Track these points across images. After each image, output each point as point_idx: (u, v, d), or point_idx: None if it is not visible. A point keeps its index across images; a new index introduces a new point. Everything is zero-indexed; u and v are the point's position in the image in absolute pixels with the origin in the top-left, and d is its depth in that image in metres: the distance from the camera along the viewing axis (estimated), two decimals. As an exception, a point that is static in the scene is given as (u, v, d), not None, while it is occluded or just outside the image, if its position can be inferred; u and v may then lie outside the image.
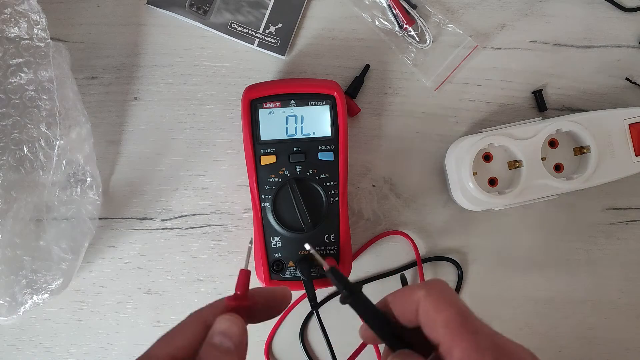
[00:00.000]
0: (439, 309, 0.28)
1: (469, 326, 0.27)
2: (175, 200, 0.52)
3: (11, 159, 0.46)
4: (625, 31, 0.53)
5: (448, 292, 0.29)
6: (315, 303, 0.48)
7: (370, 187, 0.52)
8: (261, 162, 0.47)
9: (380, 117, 0.52)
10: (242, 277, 0.31)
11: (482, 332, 0.27)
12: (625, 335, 0.53)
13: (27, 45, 0.46)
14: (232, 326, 0.29)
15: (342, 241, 0.48)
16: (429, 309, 0.28)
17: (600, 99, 0.53)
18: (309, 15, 0.52)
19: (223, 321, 0.29)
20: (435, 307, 0.28)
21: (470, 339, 0.26)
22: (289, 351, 0.53)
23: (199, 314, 0.30)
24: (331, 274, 0.31)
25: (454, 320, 0.27)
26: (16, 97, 0.46)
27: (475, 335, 0.26)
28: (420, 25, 0.51)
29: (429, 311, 0.28)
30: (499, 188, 0.49)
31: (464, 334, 0.27)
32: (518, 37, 0.53)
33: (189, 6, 0.51)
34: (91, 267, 0.52)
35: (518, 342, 0.28)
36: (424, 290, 0.29)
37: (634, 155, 0.49)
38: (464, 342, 0.26)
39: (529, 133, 0.48)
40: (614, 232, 0.53)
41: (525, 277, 0.53)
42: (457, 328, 0.27)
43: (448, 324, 0.27)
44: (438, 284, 0.30)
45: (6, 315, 0.46)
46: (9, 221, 0.46)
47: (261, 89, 0.48)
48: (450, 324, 0.27)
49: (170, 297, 0.52)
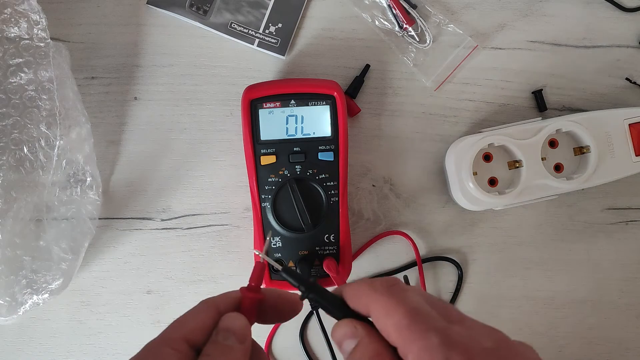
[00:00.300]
0: (388, 313, 0.27)
1: (418, 326, 0.26)
2: (175, 200, 0.52)
3: (11, 159, 0.46)
4: (625, 31, 0.53)
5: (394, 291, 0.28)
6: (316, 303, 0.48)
7: (370, 187, 0.52)
8: (261, 162, 0.47)
9: (380, 117, 0.52)
10: (257, 269, 0.32)
11: (432, 329, 0.26)
12: (625, 335, 0.53)
13: (27, 45, 0.46)
14: (237, 323, 0.29)
15: (342, 241, 0.48)
16: (379, 314, 0.28)
17: (600, 99, 0.53)
18: (309, 15, 0.52)
19: (227, 319, 0.29)
20: (384, 311, 0.28)
21: (420, 341, 0.26)
22: (289, 351, 0.53)
23: (211, 301, 0.30)
24: (285, 274, 0.32)
25: (402, 323, 0.27)
26: (16, 97, 0.46)
27: (425, 335, 0.26)
28: (420, 25, 0.51)
29: (380, 317, 0.28)
30: (499, 188, 0.49)
31: (413, 336, 0.26)
32: (518, 37, 0.53)
33: (189, 6, 0.51)
34: (91, 267, 0.52)
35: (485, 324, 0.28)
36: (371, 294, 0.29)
37: (634, 155, 0.49)
38: (414, 345, 0.26)
39: (529, 133, 0.48)
40: (614, 232, 0.53)
41: (525, 277, 0.53)
42: (406, 331, 0.26)
43: (397, 328, 0.27)
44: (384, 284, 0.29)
45: (6, 315, 0.46)
46: (9, 221, 0.46)
47: (261, 89, 0.48)
48: (399, 328, 0.27)
49: (170, 297, 0.52)
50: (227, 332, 0.29)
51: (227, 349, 0.28)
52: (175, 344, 0.28)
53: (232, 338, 0.29)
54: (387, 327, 0.27)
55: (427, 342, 0.25)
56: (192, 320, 0.29)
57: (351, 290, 0.30)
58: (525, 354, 0.27)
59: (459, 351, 0.25)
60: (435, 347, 0.25)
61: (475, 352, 0.25)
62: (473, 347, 0.26)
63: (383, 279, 0.30)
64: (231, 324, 0.29)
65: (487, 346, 0.26)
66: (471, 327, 0.27)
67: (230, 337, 0.29)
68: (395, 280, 0.30)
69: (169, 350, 0.28)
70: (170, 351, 0.28)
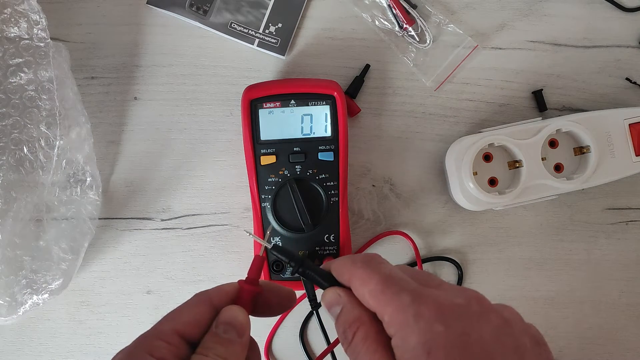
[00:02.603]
0: (363, 283, 0.29)
1: (390, 290, 0.27)
2: (175, 200, 0.52)
3: (11, 159, 0.46)
4: (625, 31, 0.53)
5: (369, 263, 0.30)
6: (316, 303, 0.48)
7: (370, 187, 0.52)
8: (261, 162, 0.47)
9: (380, 117, 0.52)
10: (256, 262, 0.32)
11: (404, 291, 0.27)
12: (625, 335, 0.53)
13: (27, 45, 0.46)
14: (237, 317, 0.29)
15: (342, 241, 0.48)
16: (357, 284, 0.29)
17: (600, 99, 0.53)
18: (309, 15, 0.52)
19: (228, 312, 0.30)
20: (360, 282, 0.29)
21: (392, 302, 0.27)
22: (289, 351, 0.53)
23: (205, 294, 0.31)
24: (275, 251, 0.33)
25: (376, 289, 0.28)
26: (16, 97, 0.46)
27: (396, 297, 0.27)
28: (420, 25, 0.51)
29: (357, 286, 0.29)
30: (499, 188, 0.49)
31: (386, 300, 0.27)
32: (518, 37, 0.53)
33: (189, 6, 0.51)
34: (91, 267, 0.52)
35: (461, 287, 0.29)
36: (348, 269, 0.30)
37: (634, 155, 0.49)
38: (388, 306, 0.27)
39: (529, 133, 0.48)
40: (614, 232, 0.53)
41: (525, 277, 0.53)
42: (380, 295, 0.28)
43: (372, 295, 0.28)
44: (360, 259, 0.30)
45: (6, 315, 0.46)
46: (9, 221, 0.46)
47: (261, 89, 0.48)
48: (373, 294, 0.28)
49: (170, 297, 0.52)
50: (227, 325, 0.29)
51: (227, 342, 0.29)
52: (167, 337, 0.28)
53: (232, 331, 0.29)
54: (364, 295, 0.29)
55: (399, 302, 0.27)
56: (186, 313, 0.29)
57: (336, 265, 0.31)
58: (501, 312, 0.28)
59: (429, 306, 0.26)
60: (406, 305, 0.27)
61: (445, 307, 0.26)
62: (443, 303, 0.27)
63: (363, 254, 0.32)
64: (232, 318, 0.29)
65: (459, 302, 0.27)
66: (447, 289, 0.28)
67: (230, 331, 0.29)
68: (373, 255, 0.31)
69: (160, 342, 0.28)
70: (162, 344, 0.28)
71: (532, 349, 0.27)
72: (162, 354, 0.27)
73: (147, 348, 0.28)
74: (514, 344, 0.27)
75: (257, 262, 0.32)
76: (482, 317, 0.27)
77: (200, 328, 0.29)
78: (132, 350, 0.28)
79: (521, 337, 0.27)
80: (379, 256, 0.31)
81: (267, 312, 0.33)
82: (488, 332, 0.26)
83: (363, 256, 0.31)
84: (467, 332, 0.26)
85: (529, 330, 0.28)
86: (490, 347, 0.26)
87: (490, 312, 0.27)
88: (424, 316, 0.26)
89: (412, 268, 0.32)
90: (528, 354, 0.27)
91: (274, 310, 0.33)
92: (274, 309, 0.33)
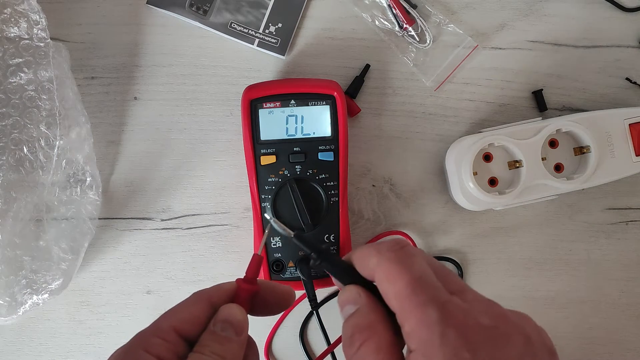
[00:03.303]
0: (390, 279, 0.27)
1: (419, 298, 0.26)
2: (175, 200, 0.52)
3: (11, 159, 0.46)
4: (625, 31, 0.53)
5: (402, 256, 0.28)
6: (316, 303, 0.48)
7: (370, 187, 0.52)
8: (261, 162, 0.47)
9: (380, 117, 0.52)
10: (254, 261, 0.32)
11: (432, 303, 0.26)
12: (625, 335, 0.53)
13: (27, 45, 0.46)
14: (235, 315, 0.29)
15: (342, 241, 0.48)
16: (382, 279, 0.28)
17: (600, 99, 0.53)
18: (309, 15, 0.52)
19: (226, 310, 0.29)
20: (387, 277, 0.27)
21: (417, 314, 0.26)
22: (289, 351, 0.53)
23: (204, 292, 0.30)
24: (297, 240, 0.32)
25: (403, 293, 0.26)
26: (16, 97, 0.46)
27: (423, 309, 0.25)
28: (420, 25, 0.51)
29: (382, 282, 0.28)
30: (499, 188, 0.49)
31: (412, 308, 0.26)
32: (518, 37, 0.53)
33: (189, 6, 0.51)
34: (91, 267, 0.52)
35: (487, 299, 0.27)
36: (376, 258, 0.28)
37: (634, 155, 0.49)
38: (412, 317, 0.26)
39: (529, 133, 0.48)
40: (614, 232, 0.53)
41: (525, 277, 0.53)
42: (406, 301, 0.26)
43: (397, 297, 0.27)
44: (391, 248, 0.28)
45: (6, 315, 0.46)
46: (9, 221, 0.46)
47: (261, 89, 0.48)
48: (399, 296, 0.26)
49: (170, 297, 0.52)
50: (225, 323, 0.29)
51: (225, 340, 0.28)
52: (165, 334, 0.28)
53: (230, 329, 0.29)
54: (388, 293, 0.27)
55: (426, 316, 0.25)
56: (184, 311, 0.29)
57: (359, 255, 0.30)
58: (523, 328, 0.27)
59: (456, 328, 0.25)
60: (433, 322, 0.25)
61: (472, 330, 0.25)
62: (470, 325, 0.25)
63: (390, 242, 0.29)
64: (230, 316, 0.29)
65: (485, 323, 0.26)
66: (471, 301, 0.27)
67: (228, 329, 0.29)
68: (402, 243, 0.29)
69: (158, 340, 0.28)
70: (160, 341, 0.28)
71: None
72: (159, 351, 0.27)
73: (144, 345, 0.27)
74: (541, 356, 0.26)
75: (256, 261, 0.32)
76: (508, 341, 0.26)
77: (198, 326, 0.29)
78: (129, 347, 0.28)
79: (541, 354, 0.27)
80: (408, 244, 0.29)
81: (265, 311, 0.32)
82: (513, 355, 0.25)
83: (391, 244, 0.29)
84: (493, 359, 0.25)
85: (545, 343, 0.27)
86: None
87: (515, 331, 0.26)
88: (450, 339, 0.25)
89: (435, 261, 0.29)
90: None
91: (273, 309, 0.32)
92: (272, 308, 0.32)
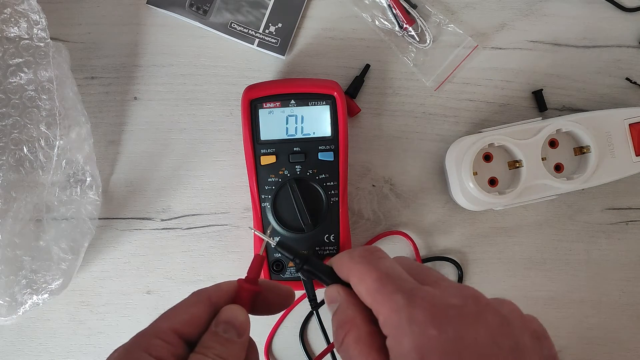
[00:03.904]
0: (360, 278, 0.28)
1: (387, 289, 0.27)
2: (175, 200, 0.52)
3: (11, 159, 0.46)
4: (625, 31, 0.53)
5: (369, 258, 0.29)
6: (315, 303, 0.48)
7: (370, 187, 0.52)
8: (261, 162, 0.47)
9: (380, 117, 0.52)
10: (256, 261, 0.32)
11: (399, 291, 0.27)
12: (625, 335, 0.53)
13: (27, 45, 0.46)
14: (237, 316, 0.29)
15: (342, 241, 0.48)
16: (354, 280, 0.29)
17: (600, 99, 0.53)
18: (309, 15, 0.52)
19: (228, 311, 0.29)
20: (358, 277, 0.29)
21: (387, 303, 0.27)
22: (289, 351, 0.53)
23: (204, 292, 0.30)
24: (280, 248, 0.33)
25: (372, 287, 0.28)
26: (16, 97, 0.46)
27: (391, 298, 0.27)
28: (420, 25, 0.51)
29: (355, 282, 0.29)
30: (499, 188, 0.49)
31: (382, 299, 0.27)
32: (518, 37, 0.53)
33: (189, 6, 0.51)
34: (91, 267, 0.52)
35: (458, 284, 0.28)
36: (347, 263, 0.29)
37: (634, 155, 0.49)
38: (383, 307, 0.27)
39: (529, 133, 0.48)
40: (614, 232, 0.53)
41: (525, 277, 0.53)
42: (376, 294, 0.27)
43: (368, 293, 0.28)
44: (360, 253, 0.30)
45: (6, 315, 0.46)
46: (9, 221, 0.46)
47: (261, 89, 0.48)
48: (370, 291, 0.28)
49: (170, 297, 0.52)
50: (227, 325, 0.29)
51: (227, 341, 0.28)
52: (165, 336, 0.28)
53: (232, 331, 0.29)
54: (361, 292, 0.28)
55: (394, 303, 0.26)
56: (184, 312, 0.29)
57: (336, 260, 0.31)
58: (499, 310, 0.27)
59: (423, 308, 0.26)
60: (400, 307, 0.26)
61: (439, 309, 0.26)
62: (438, 304, 0.26)
63: (361, 248, 0.31)
64: (232, 317, 0.29)
65: (454, 303, 0.26)
66: (444, 287, 0.27)
67: (230, 330, 0.29)
68: (372, 249, 0.30)
69: (158, 341, 0.27)
70: (160, 342, 0.27)
71: (533, 345, 0.26)
72: (159, 353, 0.27)
73: (144, 346, 0.27)
74: (512, 344, 0.26)
75: (257, 262, 0.32)
76: (478, 318, 0.26)
77: (198, 327, 0.29)
78: (129, 348, 0.28)
79: (521, 335, 0.26)
80: (379, 250, 0.30)
81: (266, 310, 0.32)
82: (484, 334, 0.25)
83: (362, 250, 0.30)
84: (461, 335, 0.25)
85: (530, 325, 0.27)
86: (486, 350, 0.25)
87: (487, 311, 0.26)
88: (417, 319, 0.25)
89: (412, 261, 0.31)
90: (528, 353, 0.26)
91: (273, 309, 0.33)
92: (273, 307, 0.32)
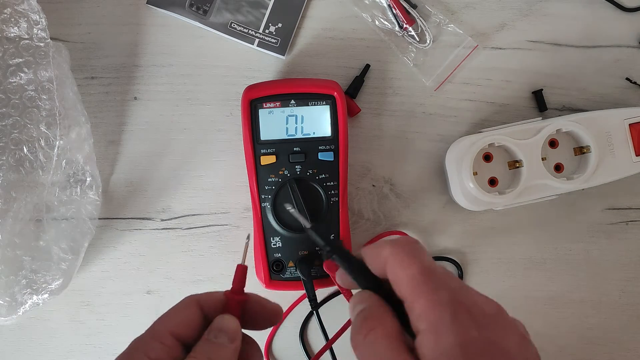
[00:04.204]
0: (403, 266, 0.29)
1: (431, 283, 0.28)
2: (175, 200, 0.52)
3: (11, 159, 0.46)
4: (625, 31, 0.53)
5: (413, 248, 0.30)
6: (316, 303, 0.48)
7: (370, 187, 0.52)
8: (261, 162, 0.47)
9: (380, 117, 0.52)
10: (239, 272, 0.33)
11: (443, 288, 0.28)
12: (625, 335, 0.53)
13: (27, 45, 0.46)
14: (229, 324, 0.31)
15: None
16: (395, 266, 0.29)
17: (600, 99, 0.53)
18: (309, 15, 0.52)
19: (220, 319, 0.31)
20: (400, 264, 0.29)
21: (430, 295, 0.27)
22: (289, 351, 0.53)
23: (195, 297, 0.32)
24: (313, 232, 0.34)
25: (416, 278, 0.28)
26: (16, 97, 0.46)
27: (435, 292, 0.27)
28: (421, 25, 0.51)
29: (395, 268, 0.29)
30: (499, 188, 0.49)
31: (424, 291, 0.28)
32: (518, 37, 0.53)
33: (189, 6, 0.51)
34: (91, 267, 0.52)
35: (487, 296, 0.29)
36: (390, 247, 0.30)
37: (634, 155, 0.49)
38: (422, 299, 0.27)
39: (529, 133, 0.48)
40: (614, 232, 0.53)
41: (525, 277, 0.53)
42: (418, 285, 0.28)
43: (410, 281, 0.28)
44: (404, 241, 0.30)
45: (6, 315, 0.46)
46: (9, 221, 0.46)
47: (261, 89, 0.48)
48: (412, 281, 0.28)
49: (170, 297, 0.52)
50: (219, 332, 0.30)
51: (218, 346, 0.30)
52: (163, 338, 0.29)
53: (223, 337, 0.30)
54: (400, 278, 0.29)
55: (437, 298, 0.27)
56: (178, 315, 0.31)
57: (371, 247, 0.31)
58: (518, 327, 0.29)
59: (465, 309, 0.27)
60: (444, 303, 0.27)
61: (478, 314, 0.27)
62: (476, 311, 0.27)
63: (402, 237, 0.32)
64: (224, 325, 0.31)
65: (489, 312, 0.28)
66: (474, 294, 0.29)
67: (221, 336, 0.30)
68: (414, 241, 0.31)
69: (157, 344, 0.29)
70: (159, 345, 0.29)
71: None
72: (158, 354, 0.28)
73: (144, 349, 0.29)
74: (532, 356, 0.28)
75: (240, 272, 0.33)
76: (507, 329, 0.28)
77: (193, 329, 0.31)
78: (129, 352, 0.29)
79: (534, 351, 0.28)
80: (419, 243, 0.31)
81: (253, 324, 0.33)
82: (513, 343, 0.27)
83: (403, 239, 0.31)
84: (497, 341, 0.27)
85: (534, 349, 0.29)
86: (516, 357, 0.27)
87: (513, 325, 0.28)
88: (461, 318, 0.26)
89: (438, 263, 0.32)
90: None
91: (261, 323, 0.34)
92: (260, 323, 0.34)
